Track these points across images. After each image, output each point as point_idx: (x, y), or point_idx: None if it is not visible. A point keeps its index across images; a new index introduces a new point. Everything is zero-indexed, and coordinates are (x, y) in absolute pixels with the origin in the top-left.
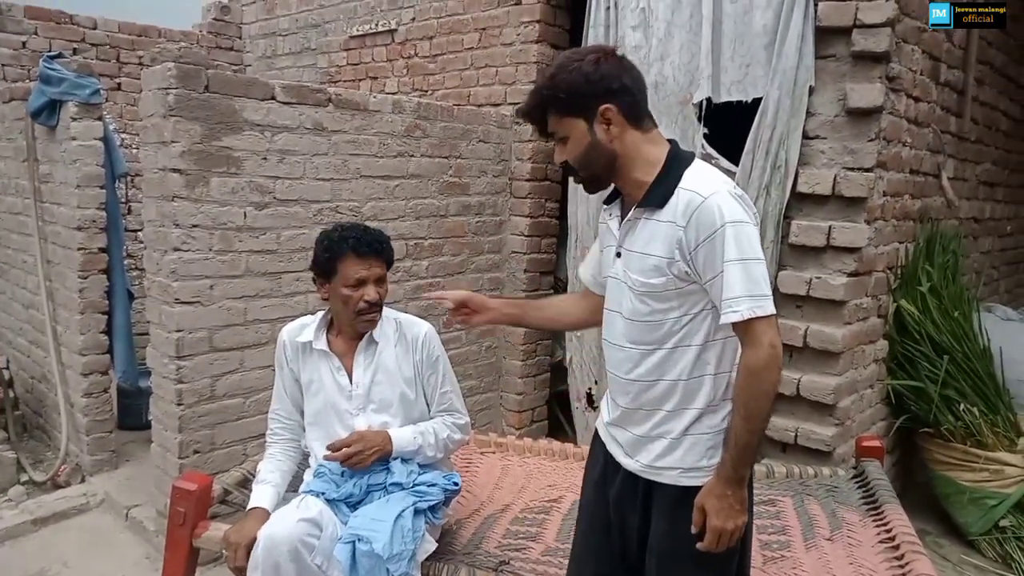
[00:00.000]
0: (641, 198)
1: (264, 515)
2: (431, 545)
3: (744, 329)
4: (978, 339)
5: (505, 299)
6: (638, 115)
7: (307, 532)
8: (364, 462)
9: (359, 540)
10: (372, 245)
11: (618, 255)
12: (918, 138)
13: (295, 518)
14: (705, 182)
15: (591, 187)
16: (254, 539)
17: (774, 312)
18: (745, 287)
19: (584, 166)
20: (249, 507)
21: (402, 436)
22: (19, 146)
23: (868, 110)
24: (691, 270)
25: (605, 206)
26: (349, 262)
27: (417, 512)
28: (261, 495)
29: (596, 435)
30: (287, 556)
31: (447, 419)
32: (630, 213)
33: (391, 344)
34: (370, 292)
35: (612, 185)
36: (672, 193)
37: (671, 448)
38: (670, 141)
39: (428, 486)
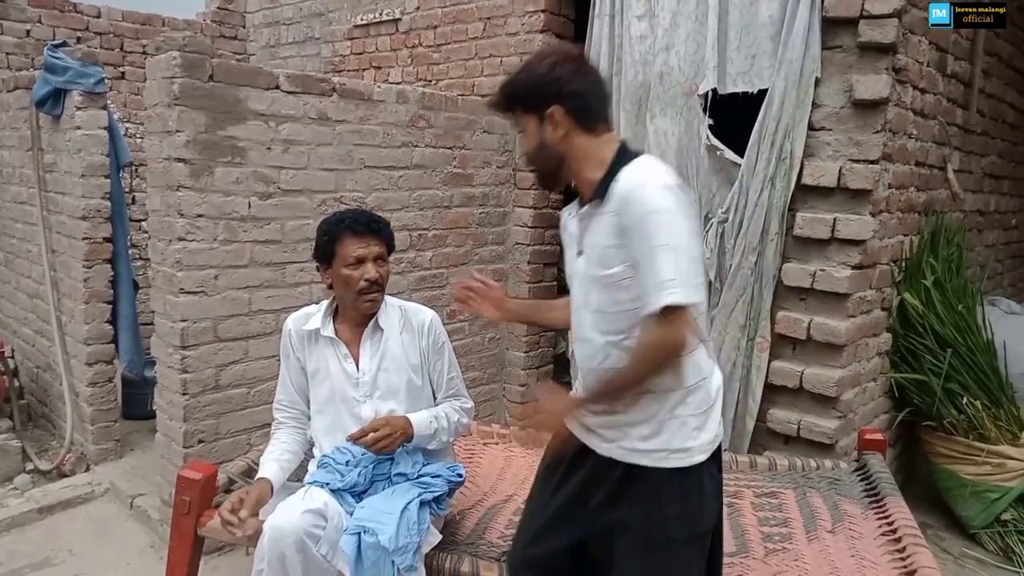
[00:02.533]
0: (590, 195)
1: (267, 485)
2: (435, 538)
3: (663, 312)
4: (982, 333)
5: (521, 300)
6: (588, 118)
7: (312, 523)
8: (392, 446)
9: (365, 532)
10: (368, 224)
11: (579, 254)
12: (924, 130)
13: (300, 509)
14: (639, 173)
15: (542, 183)
16: (257, 502)
17: (694, 302)
18: (674, 272)
19: (534, 161)
20: (255, 479)
21: (420, 420)
22: (23, 135)
23: (874, 102)
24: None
25: (565, 208)
26: (347, 242)
27: (422, 504)
28: (266, 469)
29: None
30: (293, 547)
31: (455, 403)
32: (583, 210)
33: (396, 331)
34: (369, 270)
35: (570, 184)
36: (611, 186)
37: (656, 431)
38: (622, 141)
39: (432, 477)
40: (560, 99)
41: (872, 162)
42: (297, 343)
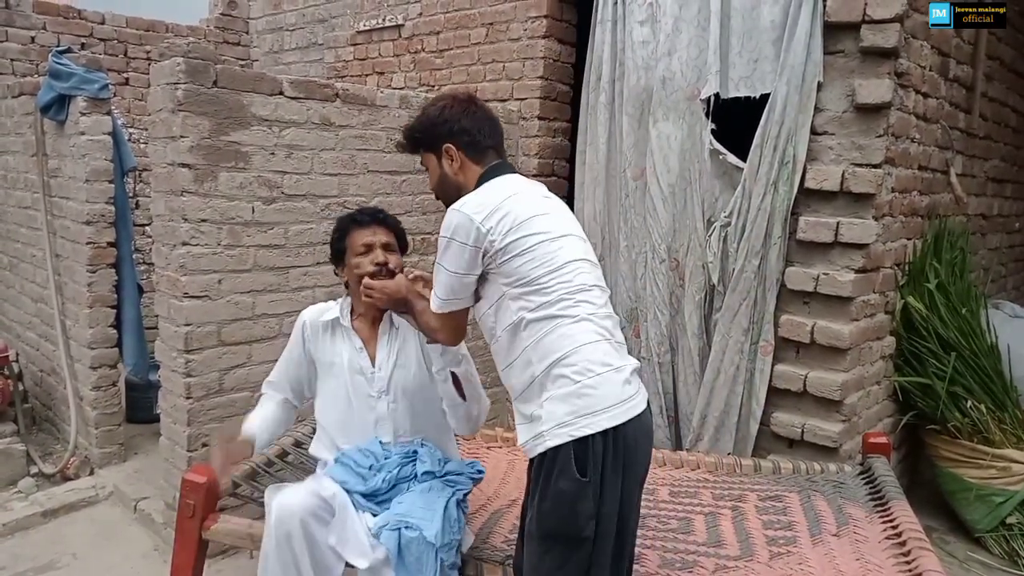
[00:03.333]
0: None
1: (248, 443)
2: (470, 538)
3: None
4: (986, 336)
5: None
6: (477, 151)
7: (319, 506)
8: (396, 294)
9: (406, 527)
10: (373, 215)
11: None
12: (926, 134)
13: (307, 490)
14: (458, 201)
15: None
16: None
17: (443, 311)
18: (436, 286)
19: (439, 193)
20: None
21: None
22: (28, 141)
23: (876, 106)
24: None
25: None
26: (354, 234)
27: (458, 503)
28: (248, 427)
29: None
30: (299, 526)
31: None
32: None
33: (413, 330)
34: (378, 255)
35: None
36: None
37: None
38: (490, 168)
39: (456, 474)
40: (451, 137)
41: (875, 166)
42: (311, 335)
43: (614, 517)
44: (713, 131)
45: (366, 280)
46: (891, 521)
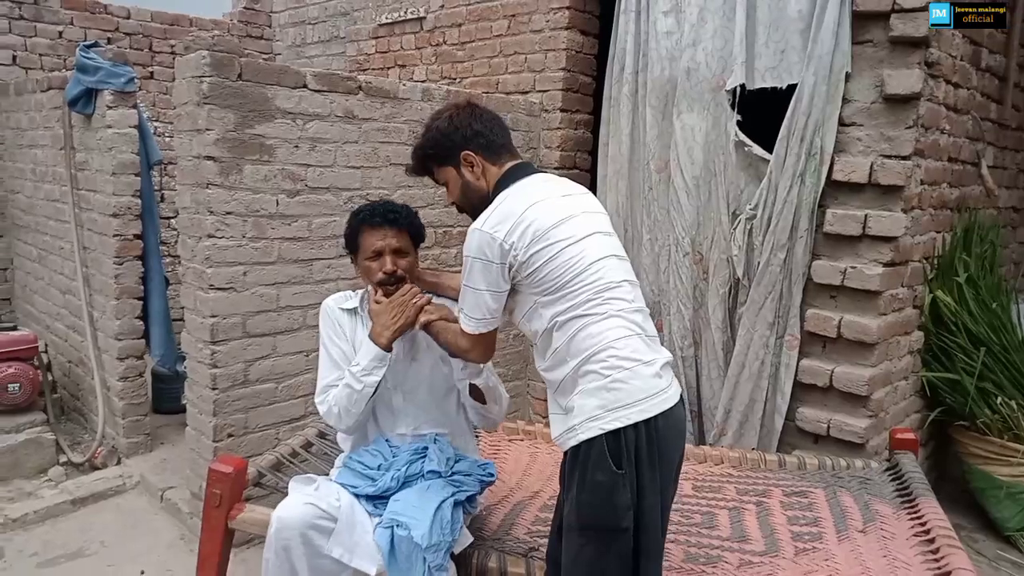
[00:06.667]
0: None
1: None
2: (467, 539)
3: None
4: (1016, 331)
5: None
6: (493, 152)
7: (317, 516)
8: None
9: (398, 526)
10: (385, 215)
11: None
12: (957, 125)
13: (306, 500)
14: (479, 219)
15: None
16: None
17: (477, 332)
18: (465, 306)
19: (464, 203)
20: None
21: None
22: (56, 134)
23: (906, 97)
24: None
25: None
26: (366, 234)
27: (456, 504)
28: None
29: None
30: (298, 539)
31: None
32: None
33: None
34: (386, 263)
35: None
36: None
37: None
38: (507, 171)
39: (464, 475)
40: (468, 143)
41: (904, 158)
42: (340, 318)
43: (657, 509)
44: (738, 122)
45: (372, 307)
46: (919, 518)
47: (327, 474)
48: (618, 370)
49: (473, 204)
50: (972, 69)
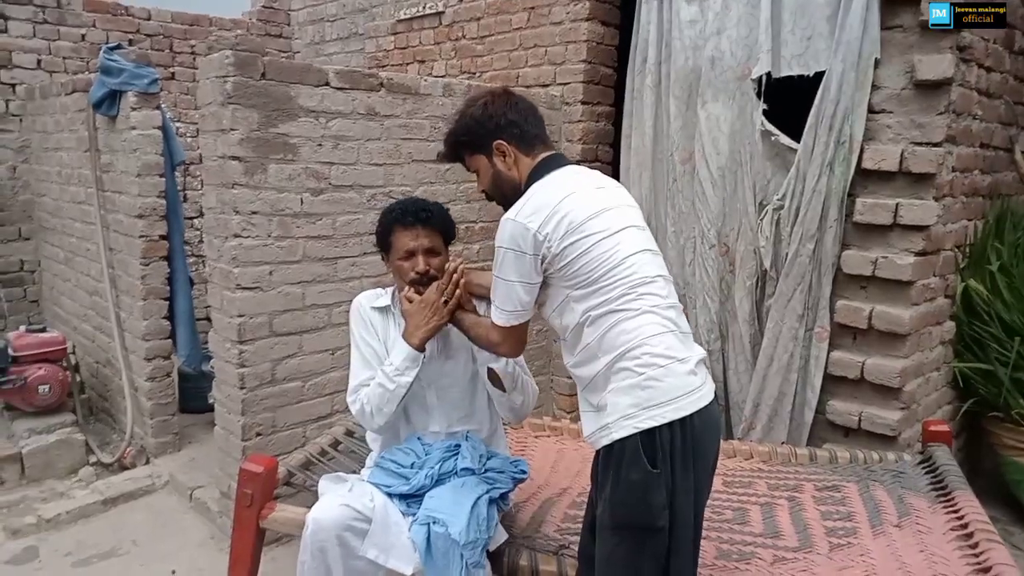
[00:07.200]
0: None
1: None
2: (502, 536)
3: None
4: None
5: None
6: (526, 142)
7: (352, 517)
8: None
9: (434, 522)
10: (417, 214)
11: None
12: (989, 110)
13: (340, 502)
14: (512, 209)
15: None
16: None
17: (508, 324)
18: (496, 298)
19: (495, 193)
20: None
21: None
22: (81, 137)
23: (937, 82)
24: None
25: None
26: (398, 234)
27: (491, 501)
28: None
29: None
30: (335, 541)
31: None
32: None
33: None
34: (419, 263)
35: None
36: None
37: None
38: (541, 161)
39: (497, 473)
40: (500, 132)
41: (935, 145)
42: (371, 316)
43: (691, 508)
44: (765, 111)
45: (405, 307)
46: (956, 512)
47: (356, 472)
48: (652, 367)
49: (504, 194)
50: (1005, 52)
